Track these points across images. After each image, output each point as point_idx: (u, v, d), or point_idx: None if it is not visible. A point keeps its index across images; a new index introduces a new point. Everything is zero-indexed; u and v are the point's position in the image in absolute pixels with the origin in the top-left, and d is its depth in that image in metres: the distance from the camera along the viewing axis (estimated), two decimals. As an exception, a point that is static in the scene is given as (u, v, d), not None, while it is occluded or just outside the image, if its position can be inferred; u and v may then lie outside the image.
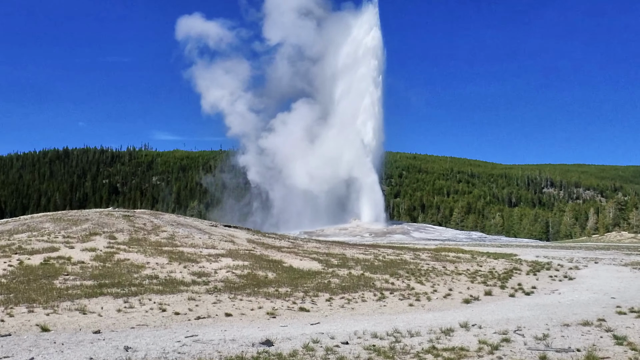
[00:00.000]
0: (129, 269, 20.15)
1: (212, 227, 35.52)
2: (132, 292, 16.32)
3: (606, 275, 26.90)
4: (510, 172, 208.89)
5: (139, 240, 26.39)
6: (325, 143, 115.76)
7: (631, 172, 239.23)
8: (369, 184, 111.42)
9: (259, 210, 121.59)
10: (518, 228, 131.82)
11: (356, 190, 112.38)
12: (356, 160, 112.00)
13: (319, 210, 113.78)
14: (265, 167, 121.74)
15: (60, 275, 18.44)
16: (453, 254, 35.21)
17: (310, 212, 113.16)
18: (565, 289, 21.52)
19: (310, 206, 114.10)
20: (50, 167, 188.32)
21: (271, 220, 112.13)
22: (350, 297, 17.83)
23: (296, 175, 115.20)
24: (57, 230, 27.37)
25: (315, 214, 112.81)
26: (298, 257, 26.76)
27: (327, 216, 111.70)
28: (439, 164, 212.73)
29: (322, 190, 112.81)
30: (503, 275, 25.25)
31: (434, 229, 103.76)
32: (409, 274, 23.91)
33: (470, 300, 18.41)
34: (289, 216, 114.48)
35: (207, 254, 24.47)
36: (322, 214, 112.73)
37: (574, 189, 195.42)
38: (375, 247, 39.57)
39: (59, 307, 14.11)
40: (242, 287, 18.32)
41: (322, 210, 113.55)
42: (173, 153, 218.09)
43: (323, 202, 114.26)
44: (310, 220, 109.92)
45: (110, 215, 32.51)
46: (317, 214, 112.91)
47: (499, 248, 52.57)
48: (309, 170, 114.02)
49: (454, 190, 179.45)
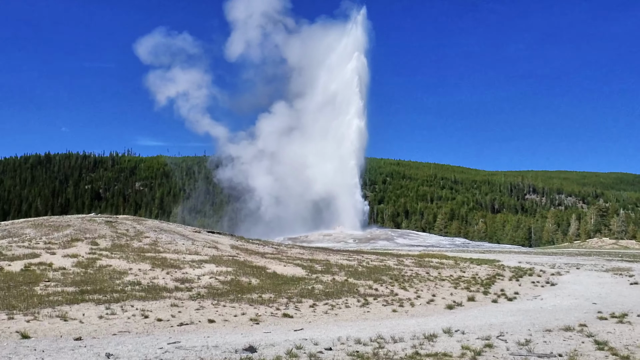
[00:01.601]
0: (111, 275, 19.99)
1: (195, 233, 35.34)
2: (114, 299, 16.18)
3: (588, 281, 27.13)
4: (493, 179, 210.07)
5: (121, 247, 26.19)
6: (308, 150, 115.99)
7: (612, 179, 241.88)
8: (353, 190, 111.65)
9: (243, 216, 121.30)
10: (501, 234, 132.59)
11: (340, 196, 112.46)
12: (340, 167, 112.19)
13: (303, 216, 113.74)
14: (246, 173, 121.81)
15: (41, 281, 18.25)
16: (436, 260, 35.32)
17: (294, 218, 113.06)
18: (547, 295, 21.68)
19: (294, 212, 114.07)
20: (32, 172, 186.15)
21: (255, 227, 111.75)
22: (333, 303, 17.82)
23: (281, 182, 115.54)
24: (38, 236, 27.09)
25: (299, 220, 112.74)
26: (282, 263, 26.71)
27: (311, 222, 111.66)
28: (422, 171, 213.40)
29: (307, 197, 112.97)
30: (486, 281, 25.37)
31: (417, 235, 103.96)
32: (393, 280, 23.95)
33: (453, 306, 18.48)
34: (273, 222, 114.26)
35: (190, 260, 24.35)
36: (306, 220, 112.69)
37: (556, 195, 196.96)
38: (359, 253, 39.59)
39: (40, 314, 13.96)
40: (226, 294, 18.25)
41: (306, 217, 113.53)
42: (157, 158, 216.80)
43: (307, 209, 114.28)
44: (294, 226, 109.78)
45: (92, 221, 32.23)
46: (301, 220, 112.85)
47: (482, 254, 52.79)
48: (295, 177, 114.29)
49: (437, 197, 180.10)
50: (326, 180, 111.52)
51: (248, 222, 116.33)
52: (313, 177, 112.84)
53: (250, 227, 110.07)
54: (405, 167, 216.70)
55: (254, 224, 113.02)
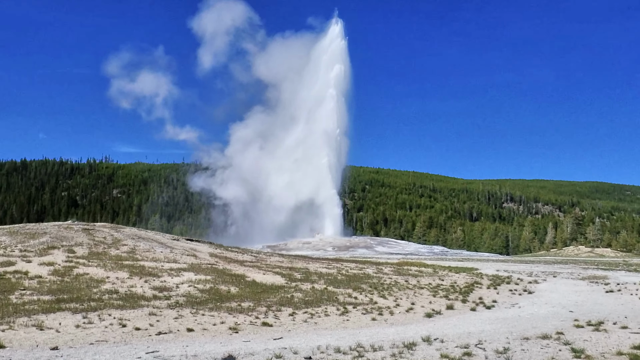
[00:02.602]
0: (88, 283, 19.77)
1: (174, 240, 35.11)
2: (91, 307, 16.00)
3: (564, 289, 27.42)
4: (471, 187, 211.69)
5: (98, 254, 25.93)
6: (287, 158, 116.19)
7: (588, 188, 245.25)
8: (332, 198, 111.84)
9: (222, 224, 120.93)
10: (479, 242, 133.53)
11: (319, 204, 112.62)
12: (319, 176, 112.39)
13: (282, 224, 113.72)
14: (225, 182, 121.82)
15: (17, 290, 17.98)
16: (415, 268, 35.47)
17: (273, 226, 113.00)
18: (525, 303, 21.86)
19: (274, 220, 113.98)
20: (7, 179, 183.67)
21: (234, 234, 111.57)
22: (313, 311, 17.79)
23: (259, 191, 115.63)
24: (13, 244, 26.71)
25: (278, 227, 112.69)
26: (261, 271, 26.63)
27: (291, 230, 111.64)
28: (401, 179, 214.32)
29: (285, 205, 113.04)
30: (464, 289, 25.52)
31: (396, 243, 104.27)
32: (372, 288, 23.98)
33: (432, 314, 18.55)
34: (252, 230, 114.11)
35: (168, 268, 24.17)
36: (285, 227, 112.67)
37: (533, 204, 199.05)
38: (339, 261, 39.60)
39: (15, 323, 13.74)
40: (205, 302, 18.13)
41: (286, 224, 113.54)
42: (134, 166, 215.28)
43: (286, 216, 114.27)
44: (274, 234, 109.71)
45: (69, 229, 31.87)
46: (280, 227, 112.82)
47: (460, 262, 53.14)
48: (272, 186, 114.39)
49: (416, 205, 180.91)
50: (305, 189, 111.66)
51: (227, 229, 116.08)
52: (292, 185, 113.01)
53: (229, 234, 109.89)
54: (384, 175, 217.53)
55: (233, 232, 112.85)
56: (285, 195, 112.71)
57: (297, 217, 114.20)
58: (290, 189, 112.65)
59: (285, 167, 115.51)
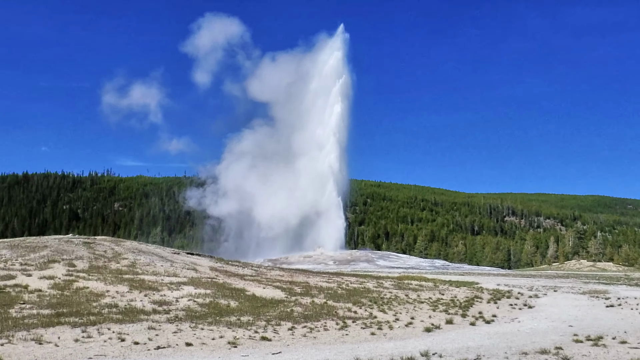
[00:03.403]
0: (88, 297, 19.79)
1: (174, 254, 35.12)
2: (90, 322, 16.02)
3: (564, 303, 27.38)
4: (472, 201, 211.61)
5: (99, 268, 25.95)
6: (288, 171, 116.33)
7: (590, 202, 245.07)
8: (333, 212, 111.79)
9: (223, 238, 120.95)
10: (480, 256, 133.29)
11: (321, 218, 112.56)
12: (321, 189, 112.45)
13: (283, 238, 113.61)
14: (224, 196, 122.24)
15: (17, 304, 18.01)
16: (416, 282, 35.42)
17: (274, 240, 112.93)
18: (524, 317, 21.84)
19: (275, 234, 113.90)
20: (9, 192, 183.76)
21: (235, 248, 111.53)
22: (312, 325, 17.79)
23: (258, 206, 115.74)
24: (14, 258, 26.74)
25: (279, 241, 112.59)
26: (261, 285, 26.63)
27: (292, 244, 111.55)
28: (403, 192, 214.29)
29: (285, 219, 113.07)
30: (464, 304, 25.49)
31: (398, 257, 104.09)
32: (372, 302, 23.97)
33: (431, 329, 18.54)
34: (253, 244, 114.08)
35: (168, 282, 24.19)
36: (286, 241, 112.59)
37: (534, 217, 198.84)
38: (339, 275, 39.56)
39: (14, 337, 13.77)
40: (204, 316, 18.15)
41: (287, 238, 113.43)
42: (136, 179, 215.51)
43: (287, 230, 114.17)
44: (275, 248, 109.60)
45: (70, 242, 31.90)
46: (281, 241, 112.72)
47: (461, 276, 53.03)
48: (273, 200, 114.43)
49: (417, 218, 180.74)
50: (307, 202, 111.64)
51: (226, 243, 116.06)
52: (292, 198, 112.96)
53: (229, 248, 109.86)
54: (385, 189, 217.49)
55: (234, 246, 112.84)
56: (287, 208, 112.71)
57: (298, 230, 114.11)
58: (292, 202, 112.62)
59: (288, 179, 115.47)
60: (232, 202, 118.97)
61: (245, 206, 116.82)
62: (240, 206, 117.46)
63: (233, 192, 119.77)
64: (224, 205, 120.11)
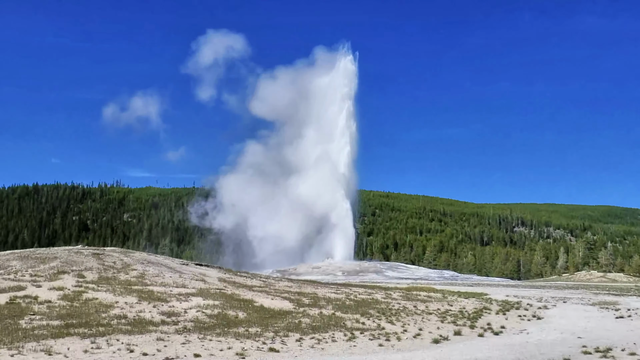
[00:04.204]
0: (97, 308, 19.90)
1: (183, 265, 35.24)
2: (99, 333, 16.12)
3: (574, 314, 27.24)
4: (481, 211, 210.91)
5: (108, 279, 26.09)
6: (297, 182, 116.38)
7: (600, 212, 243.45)
8: (342, 223, 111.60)
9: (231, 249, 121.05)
10: (490, 267, 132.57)
11: (329, 229, 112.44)
12: (329, 200, 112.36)
13: (291, 249, 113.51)
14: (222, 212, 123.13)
15: (27, 314, 18.15)
16: (424, 293, 35.35)
17: (282, 251, 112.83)
18: (533, 329, 21.76)
19: (283, 245, 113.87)
20: (19, 203, 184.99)
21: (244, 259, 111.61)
22: (320, 337, 17.81)
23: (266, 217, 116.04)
24: (24, 269, 26.93)
25: (287, 252, 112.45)
26: (269, 296, 26.66)
27: (300, 255, 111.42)
28: (411, 203, 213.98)
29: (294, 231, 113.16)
30: (473, 315, 25.42)
31: (406, 268, 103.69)
32: (380, 313, 23.96)
33: (439, 340, 18.51)
34: (261, 255, 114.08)
35: (177, 293, 24.28)
36: (295, 252, 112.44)
37: (544, 228, 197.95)
38: (348, 286, 39.53)
39: (24, 348, 13.89)
40: (212, 327, 18.21)
41: (295, 249, 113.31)
42: (145, 190, 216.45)
43: (296, 241, 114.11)
44: (283, 258, 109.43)
45: (79, 254, 32.08)
46: (289, 252, 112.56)
47: (470, 287, 52.81)
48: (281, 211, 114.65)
49: (426, 229, 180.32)
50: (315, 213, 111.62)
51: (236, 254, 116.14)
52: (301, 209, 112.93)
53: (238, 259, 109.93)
54: (394, 199, 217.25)
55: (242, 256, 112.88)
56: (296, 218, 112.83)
57: (307, 241, 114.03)
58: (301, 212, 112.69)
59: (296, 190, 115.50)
60: (229, 217, 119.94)
61: (242, 223, 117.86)
62: (236, 223, 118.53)
63: (230, 208, 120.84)
64: (222, 221, 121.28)
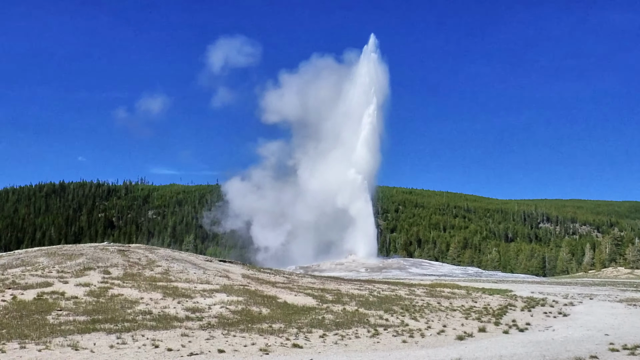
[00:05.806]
0: (123, 304, 20.11)
1: (207, 262, 35.46)
2: (125, 328, 16.29)
3: (601, 311, 26.89)
4: (506, 207, 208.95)
5: (133, 275, 26.35)
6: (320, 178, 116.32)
7: (627, 208, 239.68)
8: (365, 219, 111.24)
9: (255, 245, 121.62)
10: (514, 263, 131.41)
11: (352, 225, 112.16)
12: (352, 196, 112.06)
13: (315, 245, 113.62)
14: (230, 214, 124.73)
15: (54, 310, 18.40)
16: (448, 290, 35.14)
17: (306, 247, 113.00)
18: (559, 326, 21.51)
19: (306, 241, 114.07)
20: (46, 200, 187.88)
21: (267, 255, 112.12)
22: (344, 333, 17.80)
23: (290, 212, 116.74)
24: (51, 265, 27.32)
25: (311, 249, 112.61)
26: (293, 292, 26.72)
27: (323, 251, 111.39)
28: (435, 199, 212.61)
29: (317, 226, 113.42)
30: (497, 312, 25.21)
31: (430, 264, 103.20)
32: (404, 310, 23.87)
33: (463, 337, 18.39)
34: (285, 251, 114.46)
35: (201, 289, 24.44)
36: (318, 249, 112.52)
37: (570, 224, 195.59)
38: (371, 282, 39.46)
39: (52, 343, 14.08)
40: (236, 323, 18.30)
41: (318, 245, 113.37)
42: (169, 187, 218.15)
43: (319, 238, 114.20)
44: (306, 255, 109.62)
45: (105, 250, 32.46)
46: (313, 249, 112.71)
47: (494, 284, 52.40)
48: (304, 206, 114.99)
49: (450, 225, 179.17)
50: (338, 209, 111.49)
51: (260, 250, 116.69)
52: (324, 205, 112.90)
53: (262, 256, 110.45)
54: (417, 196, 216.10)
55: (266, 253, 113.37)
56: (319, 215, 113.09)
57: (330, 238, 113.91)
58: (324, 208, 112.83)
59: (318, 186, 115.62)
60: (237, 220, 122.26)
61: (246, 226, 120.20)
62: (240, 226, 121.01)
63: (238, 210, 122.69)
64: (230, 223, 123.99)
